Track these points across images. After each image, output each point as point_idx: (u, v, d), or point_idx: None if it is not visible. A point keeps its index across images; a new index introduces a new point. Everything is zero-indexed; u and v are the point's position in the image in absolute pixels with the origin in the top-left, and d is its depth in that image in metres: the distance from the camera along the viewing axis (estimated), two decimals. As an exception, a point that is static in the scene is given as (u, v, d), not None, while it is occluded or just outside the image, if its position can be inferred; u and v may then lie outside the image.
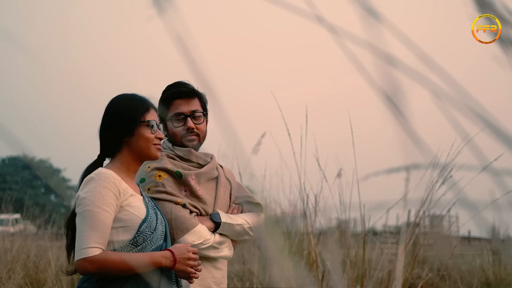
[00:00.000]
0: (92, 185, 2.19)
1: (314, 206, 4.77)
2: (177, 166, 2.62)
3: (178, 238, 2.47)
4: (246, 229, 2.67)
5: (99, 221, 2.14)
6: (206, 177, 2.67)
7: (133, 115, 2.32)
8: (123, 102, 2.38)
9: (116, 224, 2.21)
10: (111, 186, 2.20)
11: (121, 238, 2.21)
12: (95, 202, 2.16)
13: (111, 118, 2.35)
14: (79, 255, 2.12)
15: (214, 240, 2.57)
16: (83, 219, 2.15)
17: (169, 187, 2.55)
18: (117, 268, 2.13)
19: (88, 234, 2.12)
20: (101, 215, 2.15)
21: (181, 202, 2.53)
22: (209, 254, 2.55)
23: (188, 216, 2.51)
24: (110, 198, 2.18)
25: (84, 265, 2.11)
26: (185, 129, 2.67)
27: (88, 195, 2.17)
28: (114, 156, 2.36)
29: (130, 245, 2.21)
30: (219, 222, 2.59)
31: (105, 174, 2.22)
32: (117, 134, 2.32)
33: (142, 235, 2.22)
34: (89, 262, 2.10)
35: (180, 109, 2.68)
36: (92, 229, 2.13)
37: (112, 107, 2.38)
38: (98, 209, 2.15)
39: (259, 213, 2.78)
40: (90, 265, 2.10)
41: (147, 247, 2.24)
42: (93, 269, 2.11)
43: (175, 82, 2.73)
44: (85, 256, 2.10)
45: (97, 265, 2.10)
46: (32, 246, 8.00)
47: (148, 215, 2.27)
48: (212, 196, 2.67)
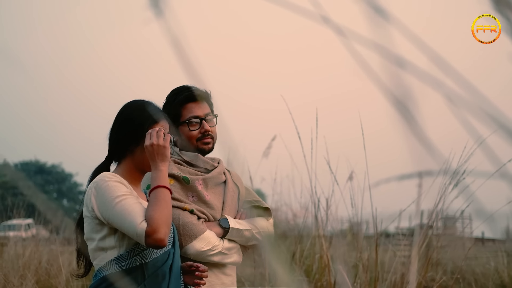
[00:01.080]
0: (103, 186, 2.15)
1: (325, 209, 4.72)
2: (184, 171, 2.58)
3: (186, 244, 2.44)
4: (255, 234, 2.63)
5: (129, 204, 2.09)
6: (214, 182, 2.64)
7: (141, 124, 2.28)
8: (134, 109, 2.34)
9: None
10: (121, 181, 2.18)
11: (126, 241, 2.17)
12: (117, 193, 2.11)
13: (120, 123, 2.32)
14: (141, 237, 2.04)
15: (223, 246, 2.53)
16: (119, 212, 2.09)
17: (176, 193, 2.51)
18: (168, 208, 2.10)
19: (130, 218, 2.06)
20: (125, 202, 2.10)
21: (188, 208, 2.49)
22: (217, 260, 2.52)
23: (196, 222, 2.48)
24: (124, 188, 2.15)
25: (153, 237, 2.02)
26: (201, 132, 2.63)
27: (105, 193, 2.13)
28: (119, 163, 2.34)
29: (136, 249, 2.17)
30: (228, 227, 2.55)
31: (110, 174, 2.20)
32: (123, 141, 2.29)
33: None
34: (153, 229, 2.02)
35: (194, 112, 2.64)
36: (130, 213, 2.07)
37: (124, 113, 2.35)
38: (120, 198, 2.10)
39: (268, 218, 2.73)
40: (155, 232, 2.02)
41: (154, 252, 2.20)
42: (160, 231, 2.03)
43: (182, 86, 2.69)
44: (146, 230, 2.02)
45: (157, 225, 2.03)
46: (44, 251, 8.01)
47: None
48: (220, 201, 2.63)
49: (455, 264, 7.10)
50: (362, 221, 4.90)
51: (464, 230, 9.36)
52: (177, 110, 2.64)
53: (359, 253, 4.70)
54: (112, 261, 2.16)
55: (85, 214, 2.23)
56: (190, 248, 2.43)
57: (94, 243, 2.19)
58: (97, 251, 2.20)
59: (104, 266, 2.18)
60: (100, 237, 2.18)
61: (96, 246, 2.19)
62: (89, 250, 2.24)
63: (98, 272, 2.21)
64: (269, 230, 2.71)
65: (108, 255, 2.17)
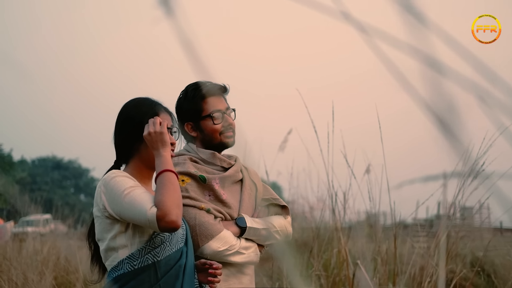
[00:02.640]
0: (111, 183, 2.13)
1: (343, 203, 4.67)
2: (200, 170, 2.55)
3: (203, 244, 2.40)
4: (272, 233, 2.59)
5: (138, 194, 2.07)
6: (231, 181, 2.60)
7: (140, 121, 2.26)
8: (133, 107, 2.32)
9: (133, 225, 2.15)
10: (126, 175, 2.16)
11: (137, 239, 2.15)
12: (125, 186, 2.09)
13: (122, 123, 2.30)
14: (152, 222, 2.00)
15: (240, 245, 2.49)
16: (128, 204, 2.06)
17: (193, 192, 2.48)
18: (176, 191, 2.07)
19: (139, 206, 2.03)
20: (133, 192, 2.07)
21: (205, 208, 2.46)
22: (235, 260, 2.48)
23: (212, 222, 2.44)
24: (131, 181, 2.13)
25: (165, 220, 1.99)
26: (224, 125, 2.60)
27: (114, 187, 2.10)
28: (127, 164, 2.31)
29: (148, 247, 2.14)
30: (245, 227, 2.52)
31: (118, 171, 2.18)
32: (128, 140, 2.27)
33: (159, 236, 2.16)
34: (164, 213, 1.99)
35: (216, 106, 2.61)
36: (140, 202, 2.04)
37: (123, 113, 2.32)
38: (130, 188, 2.08)
39: (286, 216, 2.69)
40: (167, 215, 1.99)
41: (166, 249, 2.17)
42: (173, 216, 2.00)
43: (198, 81, 2.66)
44: (157, 215, 1.99)
45: (168, 209, 2.00)
46: (62, 247, 8.05)
47: None
48: (237, 200, 2.60)
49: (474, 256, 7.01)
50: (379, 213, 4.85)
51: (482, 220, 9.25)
52: (197, 105, 2.60)
53: (377, 246, 4.65)
54: (123, 261, 2.13)
55: (95, 215, 2.20)
56: (206, 248, 2.40)
57: (105, 243, 2.17)
58: (108, 251, 2.18)
59: (116, 266, 2.15)
60: (111, 236, 2.15)
61: (107, 246, 2.17)
62: (101, 251, 2.21)
63: (110, 272, 2.19)
64: (287, 228, 2.67)
65: (119, 255, 2.14)
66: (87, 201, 52.10)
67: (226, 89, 2.67)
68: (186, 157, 2.57)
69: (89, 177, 55.99)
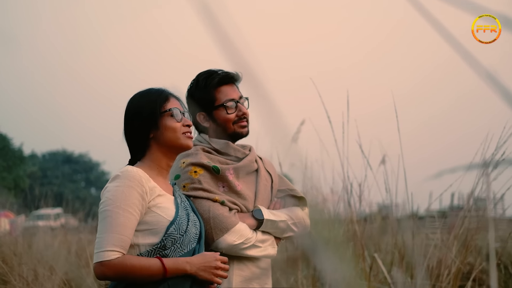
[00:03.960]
0: (116, 183, 2.06)
1: (358, 195, 4.56)
2: (213, 160, 2.43)
3: (218, 238, 2.30)
4: (290, 225, 2.49)
5: (119, 223, 2.00)
6: (245, 171, 2.48)
7: (152, 107, 2.19)
8: (140, 98, 2.25)
9: (142, 226, 2.06)
10: (136, 185, 2.05)
11: (148, 241, 2.07)
12: (117, 202, 2.02)
13: (132, 117, 2.22)
14: (96, 258, 1.99)
15: (256, 238, 2.38)
16: (103, 220, 2.02)
17: (206, 183, 2.37)
18: (136, 273, 1.99)
19: (106, 236, 1.99)
20: (121, 216, 2.01)
21: (219, 200, 2.35)
22: (251, 253, 2.37)
23: (227, 214, 2.33)
24: (135, 199, 2.03)
25: (101, 270, 1.97)
26: (238, 115, 2.50)
27: (110, 194, 2.04)
28: (144, 155, 2.22)
29: (158, 249, 2.06)
30: (262, 219, 2.41)
31: (130, 172, 2.07)
32: (141, 132, 2.19)
33: (170, 238, 2.07)
34: (106, 267, 1.97)
35: (230, 95, 2.51)
36: (111, 231, 1.99)
37: (131, 107, 2.24)
38: (119, 209, 2.01)
39: (303, 207, 2.58)
40: (107, 270, 1.97)
41: (177, 251, 2.08)
42: (111, 274, 1.98)
43: (209, 70, 2.54)
44: (101, 260, 1.97)
45: (114, 270, 1.97)
46: (73, 241, 8.01)
47: (177, 217, 2.11)
48: (252, 191, 2.48)
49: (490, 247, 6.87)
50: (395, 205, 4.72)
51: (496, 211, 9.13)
52: (210, 94, 2.49)
53: (394, 239, 4.54)
54: None
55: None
56: (221, 242, 2.30)
57: None
58: None
59: None
60: None
61: None
62: None
63: None
64: (305, 220, 2.56)
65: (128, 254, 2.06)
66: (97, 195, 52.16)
67: (238, 77, 2.55)
68: (198, 147, 2.46)
69: (100, 171, 56.17)
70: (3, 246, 6.98)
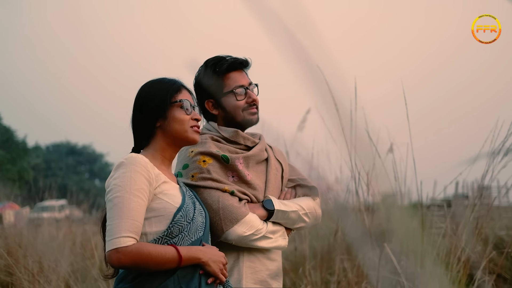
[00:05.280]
0: (122, 170, 2.01)
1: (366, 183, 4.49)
2: (222, 149, 2.37)
3: (227, 229, 2.24)
4: (301, 216, 2.42)
5: (131, 208, 1.94)
6: (255, 160, 2.42)
7: (163, 96, 2.15)
8: (151, 86, 2.21)
9: (148, 214, 2.01)
10: (142, 170, 2.00)
11: (154, 229, 2.01)
12: (126, 187, 1.96)
13: (141, 105, 2.17)
14: (111, 246, 1.91)
15: (267, 229, 2.32)
16: (113, 206, 1.96)
17: (215, 173, 2.31)
18: (153, 261, 1.92)
19: (119, 222, 1.92)
20: (133, 201, 1.95)
21: (228, 190, 2.28)
22: (261, 245, 2.31)
23: (237, 205, 2.27)
24: (142, 184, 1.98)
25: (117, 257, 1.90)
26: (247, 102, 2.43)
27: (118, 181, 1.99)
28: (148, 144, 2.18)
29: (165, 237, 2.00)
30: (272, 209, 2.34)
31: (135, 158, 2.02)
32: (149, 120, 2.15)
33: (177, 225, 2.02)
34: (122, 254, 1.90)
35: (239, 81, 2.43)
36: (124, 217, 1.93)
37: (141, 95, 2.20)
38: (130, 195, 1.95)
39: (315, 197, 2.51)
40: (123, 257, 1.89)
41: (184, 239, 2.03)
42: (127, 262, 1.90)
43: (217, 56, 2.47)
44: (117, 247, 1.90)
45: (131, 257, 1.90)
46: (77, 232, 7.99)
47: (184, 204, 2.06)
48: (263, 181, 2.42)
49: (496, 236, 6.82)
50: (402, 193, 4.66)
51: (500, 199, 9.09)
52: (218, 80, 2.42)
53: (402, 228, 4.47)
54: None
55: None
56: (231, 233, 2.24)
57: None
58: None
59: None
60: None
61: None
62: None
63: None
64: (316, 210, 2.49)
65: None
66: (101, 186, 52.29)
67: (248, 63, 2.48)
68: (207, 136, 2.39)
69: (104, 162, 56.23)
70: (8, 238, 6.96)
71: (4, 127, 38.08)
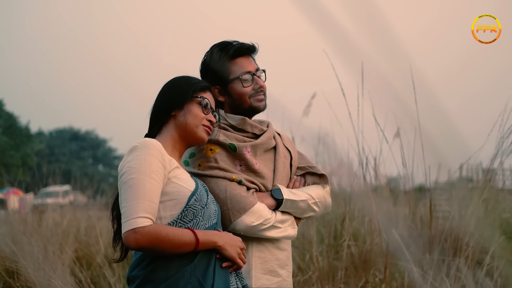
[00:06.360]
0: (136, 153, 1.97)
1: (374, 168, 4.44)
2: (230, 137, 2.31)
3: (235, 219, 2.18)
4: (311, 205, 2.36)
5: (146, 189, 1.91)
6: (263, 148, 2.35)
7: (186, 89, 2.16)
8: (180, 79, 2.23)
9: (162, 198, 1.97)
10: (157, 154, 1.97)
11: (168, 213, 1.98)
12: (141, 169, 1.93)
13: (164, 92, 2.20)
14: (127, 226, 1.87)
15: (276, 219, 2.27)
16: (129, 188, 1.92)
17: (222, 162, 2.25)
18: (170, 243, 1.89)
19: (135, 203, 1.89)
20: (148, 183, 1.92)
21: (236, 179, 2.23)
22: (270, 235, 2.26)
23: (245, 194, 2.21)
24: (157, 166, 1.95)
25: (135, 238, 1.85)
26: (254, 88, 2.36)
27: (132, 163, 1.95)
28: (159, 132, 2.16)
29: (179, 221, 1.97)
30: (281, 199, 2.29)
31: (150, 142, 2.00)
32: (166, 107, 2.15)
33: (191, 209, 1.99)
34: (140, 234, 1.85)
35: (246, 67, 2.36)
36: (140, 198, 1.89)
37: (169, 83, 2.23)
38: (145, 176, 1.92)
39: (324, 186, 2.45)
40: (141, 237, 1.85)
41: (199, 224, 2.00)
42: (144, 243, 1.86)
43: (224, 41, 2.40)
44: (135, 227, 1.86)
45: (149, 237, 1.86)
46: (82, 218, 7.97)
47: (198, 189, 2.04)
48: (271, 169, 2.36)
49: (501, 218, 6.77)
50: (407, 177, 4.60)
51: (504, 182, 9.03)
52: (225, 66, 2.35)
53: (411, 214, 4.43)
54: None
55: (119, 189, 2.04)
56: (239, 223, 2.18)
57: None
58: None
59: None
60: None
61: None
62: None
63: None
64: (326, 199, 2.43)
65: None
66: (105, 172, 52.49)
67: (255, 48, 2.41)
68: None
69: (107, 148, 56.28)
70: (12, 224, 6.94)
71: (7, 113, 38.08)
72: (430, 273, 3.61)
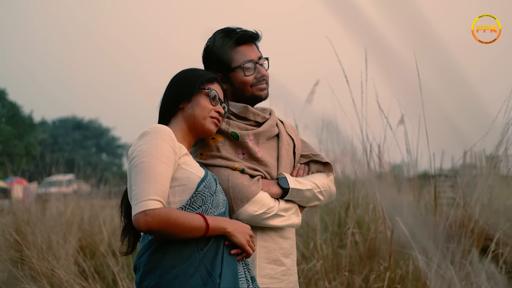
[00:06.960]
0: (147, 137, 1.97)
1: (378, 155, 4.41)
2: (232, 126, 2.27)
3: (238, 209, 2.16)
4: (316, 194, 2.34)
5: (157, 172, 1.90)
6: (266, 136, 2.32)
7: (194, 81, 2.16)
8: (189, 71, 2.22)
9: (172, 183, 1.97)
10: (167, 139, 1.97)
11: (178, 198, 1.97)
12: (152, 153, 1.92)
13: (172, 84, 2.19)
14: (138, 208, 1.85)
15: (279, 207, 2.24)
16: (140, 171, 1.91)
17: (225, 150, 2.23)
18: (181, 227, 1.88)
19: (146, 186, 1.88)
20: (159, 166, 1.91)
21: (238, 168, 2.20)
22: (274, 223, 2.23)
23: (247, 183, 2.19)
24: (168, 151, 1.95)
25: (145, 220, 1.84)
26: (256, 77, 2.32)
27: (143, 147, 1.94)
28: (168, 123, 2.16)
29: (188, 207, 1.97)
30: (287, 188, 2.26)
31: (160, 127, 2.00)
32: (174, 99, 2.15)
33: (200, 195, 1.98)
34: (150, 216, 1.84)
35: (248, 55, 2.33)
36: (151, 181, 1.88)
37: (177, 76, 2.22)
38: (156, 160, 1.91)
39: (328, 174, 2.42)
40: (151, 220, 1.84)
41: (208, 211, 1.99)
42: (155, 225, 1.84)
43: (227, 28, 2.35)
44: (146, 209, 1.84)
45: (159, 220, 1.84)
46: (85, 207, 7.97)
47: (207, 176, 2.03)
48: (274, 157, 2.33)
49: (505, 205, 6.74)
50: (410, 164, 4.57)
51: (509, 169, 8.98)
52: (226, 54, 2.31)
53: (416, 201, 4.40)
54: None
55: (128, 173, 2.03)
56: (242, 213, 2.16)
57: None
58: None
59: None
60: None
61: None
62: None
63: (146, 235, 2.02)
64: (330, 188, 2.41)
65: None
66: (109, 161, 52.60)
67: (258, 35, 2.37)
68: None
69: (110, 136, 56.33)
70: (16, 214, 6.95)
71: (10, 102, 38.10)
72: (435, 261, 3.59)
